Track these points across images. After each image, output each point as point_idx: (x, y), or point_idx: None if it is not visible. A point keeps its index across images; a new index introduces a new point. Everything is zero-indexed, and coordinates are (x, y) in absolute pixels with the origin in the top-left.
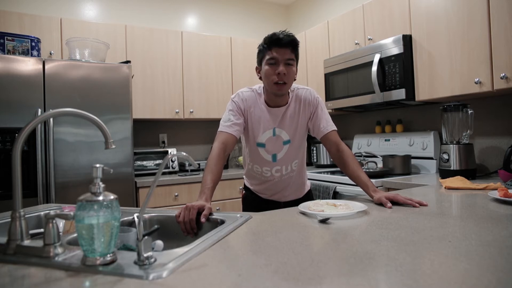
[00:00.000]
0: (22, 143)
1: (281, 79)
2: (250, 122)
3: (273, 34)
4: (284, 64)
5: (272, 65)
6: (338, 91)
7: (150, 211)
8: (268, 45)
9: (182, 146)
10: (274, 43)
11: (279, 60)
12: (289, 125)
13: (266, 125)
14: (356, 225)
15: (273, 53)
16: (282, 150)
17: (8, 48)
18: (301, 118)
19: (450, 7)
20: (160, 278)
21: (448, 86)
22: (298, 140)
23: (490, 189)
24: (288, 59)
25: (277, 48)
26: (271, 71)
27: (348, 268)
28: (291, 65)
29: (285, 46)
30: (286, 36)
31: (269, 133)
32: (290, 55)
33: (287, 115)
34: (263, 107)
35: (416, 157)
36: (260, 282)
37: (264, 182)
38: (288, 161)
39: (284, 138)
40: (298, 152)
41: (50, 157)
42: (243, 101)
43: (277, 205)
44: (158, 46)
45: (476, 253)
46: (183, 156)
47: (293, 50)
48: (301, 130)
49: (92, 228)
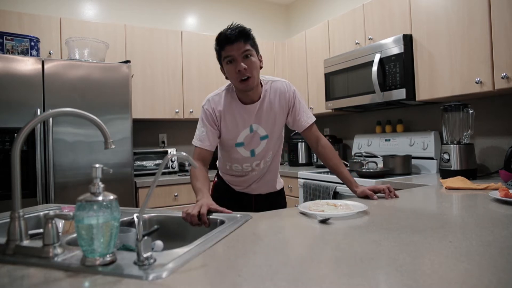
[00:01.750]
0: (21, 143)
1: (243, 75)
2: (225, 126)
3: (220, 34)
4: (242, 58)
5: (230, 63)
6: (338, 91)
7: (149, 211)
8: (220, 46)
9: (182, 146)
10: (224, 42)
11: (235, 56)
12: (266, 120)
13: (242, 124)
14: (356, 225)
15: (227, 52)
16: (260, 145)
17: (7, 47)
18: (278, 112)
19: (451, 6)
20: (160, 279)
21: (448, 86)
22: (276, 134)
23: (491, 189)
24: (244, 52)
25: (229, 46)
26: (232, 69)
27: (348, 268)
28: (249, 56)
29: (236, 40)
30: (233, 31)
31: (247, 131)
32: (244, 47)
33: (263, 109)
34: (237, 105)
35: (416, 157)
36: (260, 282)
37: (243, 176)
38: (266, 154)
39: (261, 134)
40: (273, 144)
41: (50, 157)
42: (214, 108)
43: (248, 197)
44: (158, 46)
45: (477, 253)
46: (183, 156)
47: (246, 41)
48: (279, 125)
49: (92, 228)
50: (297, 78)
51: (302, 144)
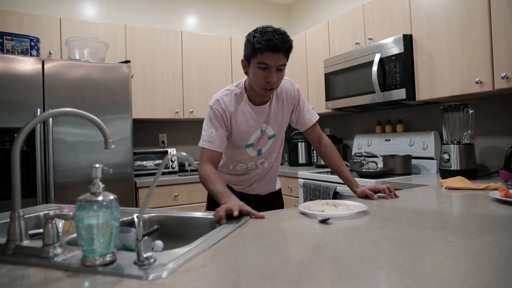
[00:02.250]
0: (21, 143)
1: (270, 86)
2: (236, 128)
3: (269, 38)
4: (276, 70)
5: (262, 70)
6: (338, 91)
7: (149, 211)
8: (259, 47)
9: (182, 146)
10: (267, 47)
11: (271, 66)
12: (274, 120)
13: (254, 126)
14: (356, 225)
15: (266, 58)
16: (267, 144)
17: (7, 47)
18: (285, 111)
19: (451, 6)
20: (159, 279)
21: (448, 86)
22: (281, 133)
23: (490, 189)
24: (280, 65)
25: (271, 53)
26: (261, 76)
27: (348, 268)
28: (282, 69)
29: (280, 51)
30: (283, 42)
31: (258, 132)
32: (283, 61)
33: (272, 109)
34: (248, 107)
35: (416, 157)
36: (260, 282)
37: (245, 174)
38: (272, 153)
39: (269, 133)
40: (278, 143)
41: (50, 157)
42: (224, 109)
43: (247, 197)
44: (158, 46)
45: (477, 253)
46: (183, 156)
47: (286, 54)
48: (285, 123)
49: (92, 228)
50: (297, 78)
51: (302, 144)
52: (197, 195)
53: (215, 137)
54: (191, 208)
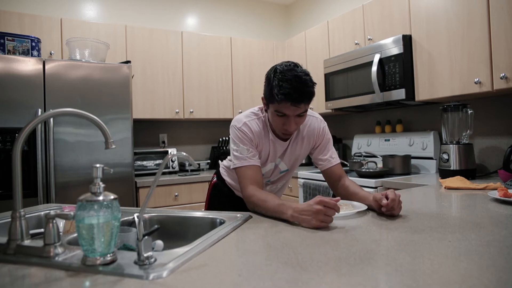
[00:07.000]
0: (22, 143)
1: (289, 133)
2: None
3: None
4: (296, 117)
5: (281, 117)
6: (338, 91)
7: (150, 211)
8: (279, 95)
9: (182, 146)
10: (287, 97)
11: (290, 116)
12: (289, 156)
13: (271, 158)
14: (356, 225)
15: (283, 109)
16: (277, 176)
17: (8, 48)
18: (304, 148)
19: (450, 7)
20: (160, 278)
21: (448, 86)
22: (294, 168)
23: (490, 189)
24: (301, 113)
25: (288, 104)
26: (280, 122)
27: (348, 268)
28: (303, 115)
29: (301, 103)
30: (302, 95)
31: (272, 165)
32: (304, 108)
33: (289, 146)
34: (272, 138)
35: (416, 157)
36: (260, 282)
37: None
38: (279, 182)
39: (282, 168)
40: (289, 176)
41: (50, 157)
42: (253, 133)
43: None
44: (158, 46)
45: (476, 253)
46: (183, 156)
47: (307, 103)
48: (301, 159)
49: (92, 228)
50: None
51: None
52: (197, 195)
53: (252, 153)
54: (191, 208)
